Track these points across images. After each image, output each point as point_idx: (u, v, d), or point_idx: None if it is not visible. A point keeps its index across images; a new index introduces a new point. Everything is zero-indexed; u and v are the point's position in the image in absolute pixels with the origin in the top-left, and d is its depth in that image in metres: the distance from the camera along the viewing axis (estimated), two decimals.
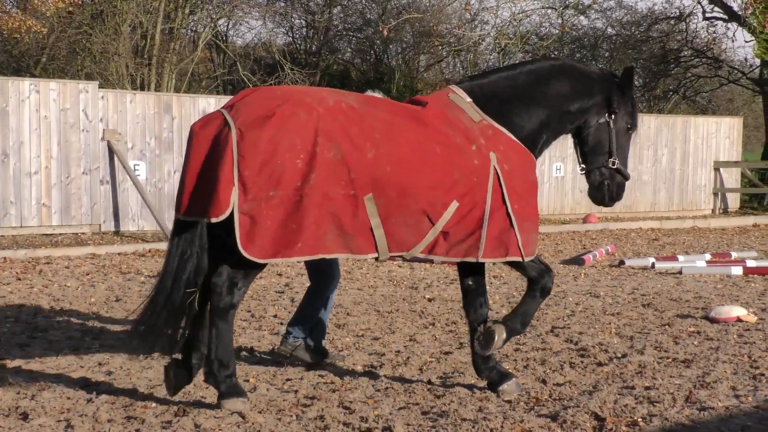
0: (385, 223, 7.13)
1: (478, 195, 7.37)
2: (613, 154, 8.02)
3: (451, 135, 7.43)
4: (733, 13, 33.21)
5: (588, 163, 8.11)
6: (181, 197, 6.99)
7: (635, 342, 9.90)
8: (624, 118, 8.08)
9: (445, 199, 7.28)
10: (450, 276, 15.26)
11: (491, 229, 7.41)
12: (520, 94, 7.85)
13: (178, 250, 7.06)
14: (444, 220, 7.29)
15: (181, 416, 7.02)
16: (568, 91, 7.94)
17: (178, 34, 31.22)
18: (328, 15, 39.21)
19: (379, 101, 7.63)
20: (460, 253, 7.42)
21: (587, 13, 39.97)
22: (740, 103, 48.37)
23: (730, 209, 29.99)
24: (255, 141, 6.79)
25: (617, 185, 8.08)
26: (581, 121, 8.04)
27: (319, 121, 6.97)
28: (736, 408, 7.31)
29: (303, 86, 7.42)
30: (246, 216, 6.75)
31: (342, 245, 7.04)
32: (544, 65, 8.08)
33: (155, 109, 21.74)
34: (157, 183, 21.69)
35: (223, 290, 6.99)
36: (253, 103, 7.03)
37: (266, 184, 6.77)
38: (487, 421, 6.87)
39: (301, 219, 6.83)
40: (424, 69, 41.48)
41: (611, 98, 7.99)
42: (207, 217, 6.80)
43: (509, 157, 7.56)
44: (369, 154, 7.06)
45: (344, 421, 6.93)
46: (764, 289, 13.68)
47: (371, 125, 7.16)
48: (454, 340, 10.10)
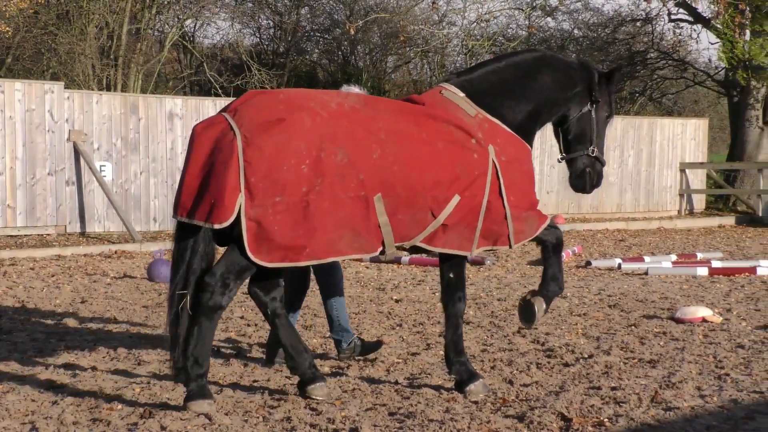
0: (392, 220, 7.25)
1: (478, 189, 7.52)
2: (593, 143, 8.24)
3: (451, 130, 7.56)
4: (698, 15, 33.36)
5: (570, 151, 8.30)
6: (179, 198, 7.00)
7: (601, 342, 9.93)
8: (604, 107, 8.29)
9: (448, 194, 7.42)
10: (417, 277, 15.27)
11: (487, 221, 7.59)
12: (509, 87, 8.00)
13: (184, 255, 7.11)
14: (446, 214, 7.43)
15: (147, 418, 6.98)
16: (552, 82, 8.13)
17: (145, 34, 31.11)
18: (296, 16, 39.16)
19: (378, 101, 7.73)
20: (455, 245, 7.58)
21: (554, 14, 40.08)
22: (705, 105, 48.61)
23: (695, 210, 30.13)
24: (261, 147, 6.82)
25: (597, 173, 8.33)
26: (564, 110, 8.22)
27: (324, 126, 7.03)
28: (701, 408, 7.34)
29: (304, 90, 7.40)
30: (253, 222, 6.79)
31: (356, 247, 7.14)
32: (528, 58, 8.26)
33: (121, 110, 21.67)
34: (123, 184, 21.62)
35: (215, 290, 6.98)
36: (257, 108, 7.03)
37: (272, 190, 6.80)
38: (454, 422, 6.87)
39: (309, 224, 6.89)
40: (391, 70, 41.50)
41: (592, 88, 8.19)
42: (210, 223, 6.83)
43: (506, 150, 7.72)
44: (375, 155, 7.15)
45: (311, 423, 6.92)
46: (729, 289, 13.75)
47: (376, 126, 7.25)
48: (422, 341, 10.10)
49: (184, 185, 6.97)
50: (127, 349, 9.48)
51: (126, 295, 13.28)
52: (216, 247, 7.18)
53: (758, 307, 12.15)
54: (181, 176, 7.08)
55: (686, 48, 40.28)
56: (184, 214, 6.95)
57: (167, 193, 22.15)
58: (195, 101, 23.24)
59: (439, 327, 10.82)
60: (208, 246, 7.10)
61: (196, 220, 6.90)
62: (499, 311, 11.94)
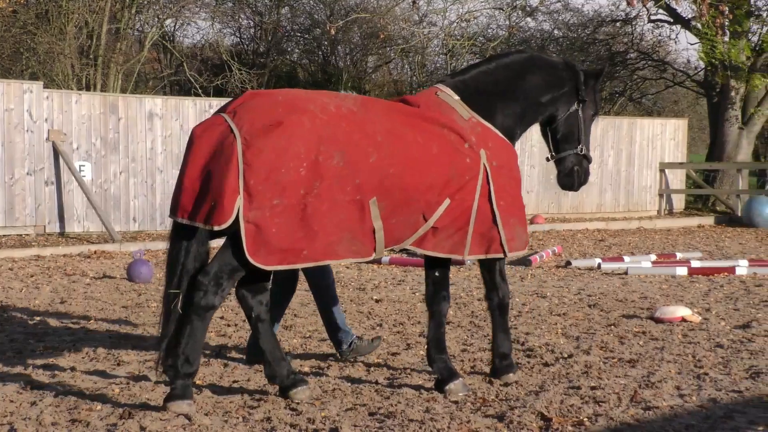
0: (385, 224, 7.29)
1: (468, 193, 7.60)
2: (581, 141, 8.41)
3: (445, 134, 7.63)
4: (678, 16, 33.46)
5: (559, 150, 8.46)
6: (178, 199, 7.01)
7: (581, 342, 9.95)
8: (590, 106, 8.46)
9: (440, 198, 7.49)
10: (397, 277, 15.27)
11: (477, 225, 7.66)
12: (500, 90, 8.13)
13: (178, 254, 7.14)
14: (436, 217, 7.49)
15: (127, 419, 6.96)
16: (542, 83, 8.26)
17: (125, 34, 31.02)
18: (276, 16, 39.11)
19: (375, 103, 7.74)
20: (446, 248, 7.66)
21: (534, 15, 40.12)
22: (685, 105, 48.78)
23: (675, 210, 30.20)
24: (260, 149, 6.84)
25: (585, 171, 8.52)
26: (553, 110, 8.35)
27: (323, 128, 7.06)
28: (680, 407, 7.36)
29: (301, 90, 7.43)
30: (251, 224, 6.81)
31: (353, 251, 7.18)
32: (518, 59, 8.37)
33: (101, 110, 21.60)
34: (102, 184, 21.55)
35: (208, 289, 6.99)
36: (256, 111, 7.04)
37: (271, 192, 6.82)
38: (434, 422, 6.87)
39: (306, 227, 6.93)
40: (372, 70, 41.48)
41: (579, 87, 8.33)
42: (210, 225, 6.85)
43: (497, 154, 7.81)
44: (372, 159, 7.19)
45: (291, 423, 6.91)
46: (708, 289, 13.79)
47: (373, 129, 7.28)
48: (402, 341, 10.10)
49: (184, 187, 6.98)
50: (107, 350, 9.46)
51: (105, 296, 13.25)
52: (210, 247, 7.23)
53: (737, 306, 12.20)
54: (180, 177, 7.08)
55: (666, 48, 40.47)
56: (184, 215, 6.97)
57: (147, 193, 22.11)
58: (175, 101, 23.18)
59: (420, 327, 10.82)
60: (202, 247, 7.14)
61: (196, 222, 6.93)
62: (479, 311, 11.94)
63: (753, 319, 11.23)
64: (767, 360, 9.07)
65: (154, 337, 10.02)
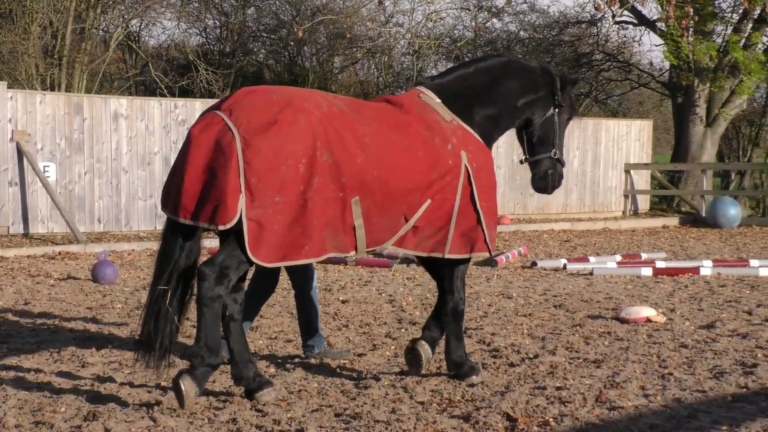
0: (366, 223, 7.38)
1: (449, 193, 7.72)
2: (556, 146, 8.51)
3: (429, 137, 7.73)
4: (643, 17, 33.61)
5: (534, 153, 8.55)
6: (178, 199, 7.06)
7: (547, 343, 9.97)
8: (566, 111, 8.58)
9: (422, 199, 7.62)
10: (364, 278, 15.26)
11: (459, 225, 7.79)
12: (478, 93, 8.23)
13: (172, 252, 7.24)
14: (416, 217, 7.62)
15: (91, 420, 6.93)
16: (519, 87, 8.37)
17: (90, 34, 30.82)
18: (242, 16, 39.02)
19: (362, 104, 7.82)
20: (427, 248, 7.79)
21: (500, 16, 40.21)
22: (650, 106, 48.98)
23: (640, 211, 30.33)
24: (259, 148, 6.92)
25: (559, 174, 8.61)
26: (529, 114, 8.45)
27: (317, 126, 7.16)
28: (645, 407, 7.39)
29: (294, 88, 7.54)
30: (253, 222, 6.89)
31: (335, 246, 7.30)
32: (496, 63, 8.48)
33: (66, 110, 21.48)
34: (67, 185, 21.43)
35: (212, 279, 7.02)
36: (253, 109, 7.12)
37: (271, 190, 6.91)
38: (400, 423, 6.87)
39: (306, 223, 7.04)
40: (338, 71, 41.44)
41: (555, 92, 8.45)
42: (215, 224, 6.92)
43: (477, 157, 7.93)
44: (359, 159, 7.28)
45: (257, 424, 6.90)
46: (673, 289, 13.86)
47: (361, 130, 7.39)
48: (368, 342, 10.10)
49: (184, 187, 7.03)
50: (71, 351, 9.41)
51: (70, 297, 13.18)
52: (202, 246, 7.36)
53: (701, 306, 12.26)
54: (178, 177, 7.12)
55: (631, 50, 40.63)
56: (187, 216, 7.04)
57: (112, 193, 22.02)
58: (140, 101, 23.09)
59: (386, 328, 10.83)
60: (196, 245, 7.26)
61: (200, 222, 7.01)
62: None
63: (717, 320, 11.30)
64: (731, 360, 9.12)
65: (131, 337, 10.00)
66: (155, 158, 22.58)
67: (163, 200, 7.34)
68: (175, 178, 7.16)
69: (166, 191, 7.32)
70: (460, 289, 8.20)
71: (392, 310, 12.18)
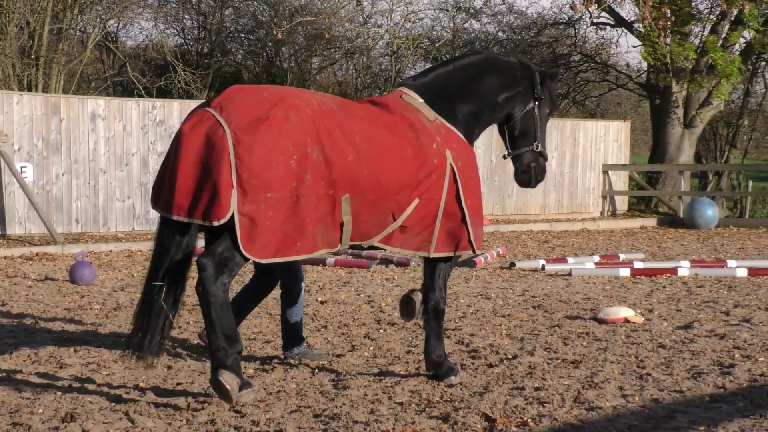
0: (355, 220, 7.44)
1: (435, 192, 7.79)
2: (537, 138, 8.60)
3: (415, 137, 7.80)
4: (621, 18, 33.69)
5: (516, 147, 8.64)
6: (171, 197, 7.07)
7: (525, 343, 9.99)
8: (546, 103, 8.65)
9: (410, 198, 7.69)
10: (342, 279, 15.26)
11: (444, 224, 7.86)
12: (458, 91, 8.30)
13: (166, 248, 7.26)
14: (404, 216, 7.68)
15: (69, 422, 6.91)
16: (498, 83, 8.45)
17: (67, 34, 30.68)
18: (220, 17, 38.93)
19: (350, 104, 7.88)
20: (413, 246, 7.86)
21: (478, 16, 40.25)
22: (628, 107, 49.12)
23: (618, 212, 30.40)
24: (251, 144, 6.94)
25: (541, 168, 8.68)
26: (509, 109, 8.53)
27: (308, 123, 7.21)
28: (623, 407, 7.41)
29: (285, 87, 7.62)
30: (245, 218, 6.91)
31: (325, 242, 7.34)
32: (475, 61, 8.58)
33: (43, 111, 21.39)
34: (44, 185, 21.34)
35: (213, 269, 7.02)
36: (244, 105, 7.14)
37: (263, 186, 6.94)
38: (378, 423, 6.87)
39: (299, 219, 7.08)
40: (316, 71, 41.41)
41: (534, 86, 8.52)
42: (209, 221, 6.94)
43: (461, 155, 8.03)
44: (350, 157, 7.34)
45: (235, 425, 6.89)
46: (651, 290, 13.90)
47: (351, 129, 7.44)
48: (347, 342, 10.09)
49: (178, 184, 7.04)
50: (49, 352, 9.37)
51: (47, 298, 13.13)
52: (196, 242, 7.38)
53: (679, 307, 12.30)
54: (170, 175, 7.13)
55: (609, 51, 40.73)
56: (180, 213, 7.06)
57: (89, 194, 21.93)
58: (118, 102, 23.01)
59: (364, 329, 10.83)
60: (191, 241, 7.27)
61: (194, 219, 7.02)
62: None
63: (695, 320, 11.33)
64: (709, 360, 9.16)
65: (109, 337, 9.97)
66: (133, 159, 22.50)
67: (154, 198, 7.34)
68: (167, 176, 7.18)
69: (156, 189, 7.32)
70: (442, 288, 8.23)
71: (371, 310, 12.18)
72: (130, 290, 13.94)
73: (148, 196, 22.42)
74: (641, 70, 39.24)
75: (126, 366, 8.73)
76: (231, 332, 7.14)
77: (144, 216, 22.61)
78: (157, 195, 7.30)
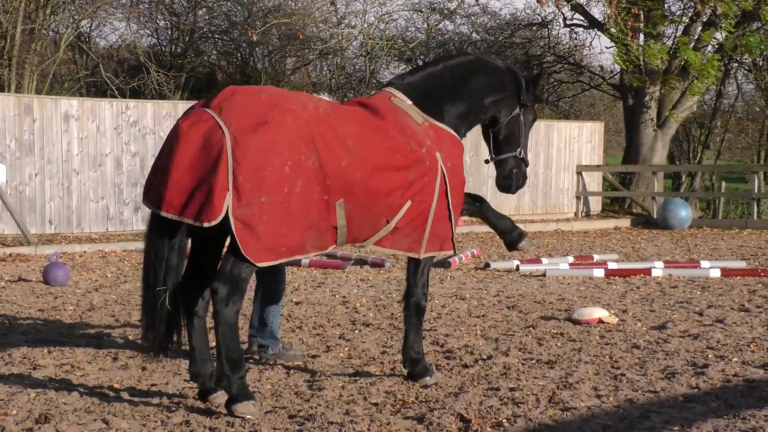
0: (349, 224, 7.49)
1: (427, 194, 7.87)
2: (521, 145, 8.66)
3: (405, 141, 7.84)
4: (594, 20, 33.79)
5: (499, 152, 8.67)
6: (162, 193, 7.04)
7: (500, 344, 10.01)
8: (531, 110, 8.73)
9: (402, 201, 7.74)
10: (317, 279, 15.25)
11: (434, 224, 7.95)
12: (447, 91, 8.34)
13: (157, 247, 7.23)
14: (397, 218, 7.74)
15: (43, 423, 6.88)
16: (486, 85, 8.50)
17: (39, 34, 30.58)
18: (194, 17, 38.83)
19: (342, 107, 7.95)
20: (404, 246, 7.94)
21: (452, 17, 40.28)
22: (601, 108, 49.29)
23: (592, 212, 30.50)
24: (248, 147, 6.95)
25: (523, 174, 8.75)
26: (495, 112, 8.57)
27: (304, 128, 7.24)
28: (597, 408, 7.43)
29: (281, 89, 7.62)
30: (240, 221, 6.92)
31: (316, 246, 7.39)
32: (464, 61, 8.63)
33: (15, 111, 21.29)
34: (17, 186, 21.25)
35: (226, 293, 7.04)
36: (243, 108, 7.15)
37: (258, 190, 6.95)
38: (353, 424, 6.87)
39: (290, 223, 7.09)
40: (290, 72, 41.36)
41: (520, 92, 8.59)
42: (200, 221, 6.93)
43: (450, 155, 8.09)
44: (344, 162, 7.38)
45: (210, 426, 6.88)
46: (625, 290, 13.94)
47: (344, 133, 7.48)
48: (321, 343, 10.09)
49: (171, 181, 7.02)
50: (23, 353, 9.33)
51: (21, 299, 13.07)
52: (188, 241, 7.37)
53: (653, 307, 12.34)
54: (163, 171, 7.11)
55: (582, 52, 40.82)
56: (170, 210, 7.03)
57: (63, 195, 21.85)
58: (91, 102, 22.93)
59: (339, 329, 10.83)
60: (183, 241, 7.26)
61: (185, 218, 7.00)
62: (398, 313, 11.94)
63: (668, 320, 11.38)
64: (682, 360, 9.19)
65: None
66: (106, 159, 22.43)
67: (145, 192, 7.31)
68: (159, 172, 7.15)
69: (148, 184, 7.30)
70: (424, 285, 8.29)
71: (346, 311, 12.18)
72: (104, 291, 13.90)
73: (122, 196, 22.41)
74: (614, 72, 39.35)
75: (100, 367, 8.72)
76: (236, 357, 7.16)
77: (118, 217, 22.55)
78: (148, 189, 7.27)
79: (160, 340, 7.29)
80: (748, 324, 11.14)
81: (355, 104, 8.14)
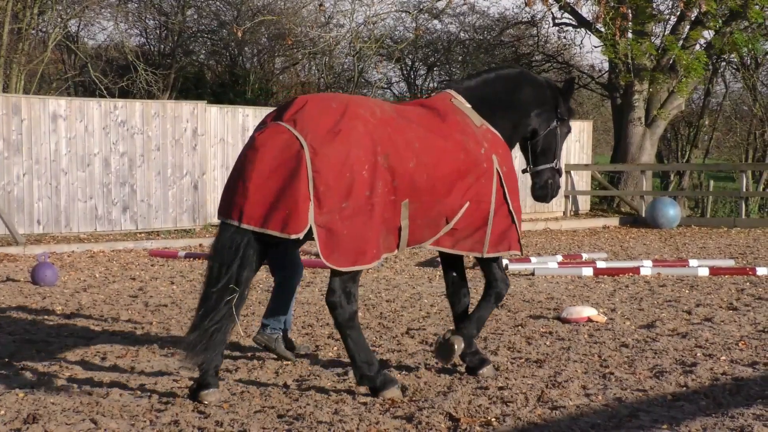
0: (411, 224, 7.68)
1: (485, 195, 8.06)
2: (557, 156, 8.94)
3: (466, 141, 8.05)
4: (582, 19, 33.80)
5: (537, 164, 8.97)
6: (242, 206, 7.19)
7: (489, 343, 10.01)
8: (566, 123, 8.99)
9: (462, 201, 7.94)
10: (306, 279, 15.23)
11: (495, 226, 8.13)
12: (500, 99, 8.58)
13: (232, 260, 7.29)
14: (456, 219, 7.93)
15: (31, 423, 6.87)
16: (532, 98, 8.76)
17: (27, 34, 30.49)
18: (182, 17, 38.79)
19: (406, 110, 8.13)
20: (466, 247, 8.15)
21: (440, 17, 40.26)
22: (590, 107, 49.27)
23: (580, 211, 30.53)
24: (327, 156, 7.18)
25: (557, 184, 9.02)
26: (536, 125, 8.82)
27: (374, 132, 7.46)
28: (586, 406, 7.44)
29: (348, 96, 7.76)
30: (322, 228, 7.12)
31: (386, 247, 7.61)
32: (511, 73, 8.91)
33: (3, 111, 21.24)
34: (5, 186, 21.19)
35: (343, 303, 7.40)
36: (317, 118, 7.36)
37: (339, 196, 7.16)
38: (342, 423, 6.87)
39: (372, 226, 7.30)
40: (279, 72, 41.34)
41: (558, 106, 8.86)
42: (287, 233, 7.11)
43: (505, 160, 8.32)
44: (411, 164, 7.60)
45: (199, 426, 6.87)
46: (614, 289, 13.96)
47: (410, 135, 7.71)
48: (311, 342, 10.08)
49: (250, 193, 7.18)
50: (11, 353, 9.31)
51: (9, 299, 13.04)
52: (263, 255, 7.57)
53: (641, 306, 12.36)
54: (241, 184, 7.27)
55: (570, 51, 40.85)
56: (251, 222, 7.18)
57: (51, 195, 21.80)
58: (79, 102, 22.88)
59: (328, 329, 10.82)
60: (258, 248, 7.40)
61: (268, 230, 7.16)
62: (387, 312, 11.97)
63: (657, 319, 11.39)
64: (671, 359, 9.21)
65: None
66: (95, 159, 22.38)
67: (223, 207, 7.41)
68: (238, 184, 7.28)
69: (226, 198, 7.41)
70: (503, 276, 8.56)
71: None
72: (92, 291, 13.88)
73: (110, 196, 22.37)
74: (603, 70, 39.37)
75: (88, 367, 8.71)
76: (370, 358, 7.59)
77: (106, 217, 22.51)
78: (227, 203, 7.38)
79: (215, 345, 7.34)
80: (736, 322, 11.16)
81: (417, 105, 8.34)
